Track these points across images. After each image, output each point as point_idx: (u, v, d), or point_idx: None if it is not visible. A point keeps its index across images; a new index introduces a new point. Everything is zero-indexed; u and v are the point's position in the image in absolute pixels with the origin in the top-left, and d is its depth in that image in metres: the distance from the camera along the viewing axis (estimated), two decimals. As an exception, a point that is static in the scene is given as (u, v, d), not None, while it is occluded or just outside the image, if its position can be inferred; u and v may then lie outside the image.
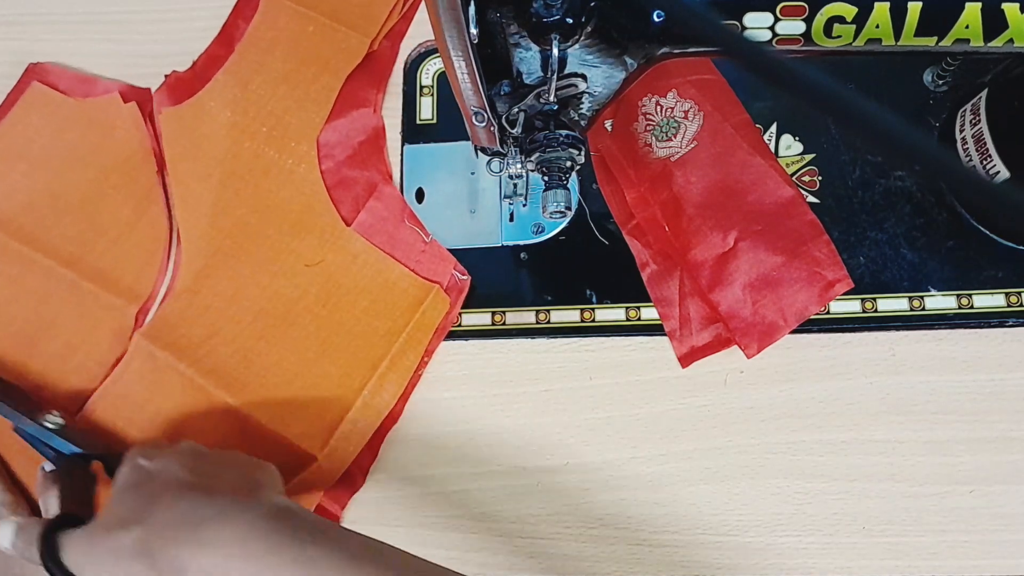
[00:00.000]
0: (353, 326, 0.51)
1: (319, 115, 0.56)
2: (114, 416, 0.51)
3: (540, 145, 0.43)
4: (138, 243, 0.55)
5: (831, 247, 0.50)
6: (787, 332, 0.49)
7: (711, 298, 0.50)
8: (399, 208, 0.54)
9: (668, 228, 0.52)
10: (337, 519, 0.49)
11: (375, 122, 0.56)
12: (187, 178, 0.55)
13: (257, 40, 0.58)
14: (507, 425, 0.50)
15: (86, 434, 0.50)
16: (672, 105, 0.53)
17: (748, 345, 0.49)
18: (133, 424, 0.51)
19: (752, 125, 0.52)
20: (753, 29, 0.36)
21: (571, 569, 0.48)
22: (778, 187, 0.51)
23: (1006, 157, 0.46)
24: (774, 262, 0.50)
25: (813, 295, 0.49)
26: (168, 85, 0.57)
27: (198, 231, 0.54)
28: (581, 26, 0.35)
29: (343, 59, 0.56)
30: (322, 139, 0.55)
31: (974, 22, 0.35)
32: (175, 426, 0.50)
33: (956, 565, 0.46)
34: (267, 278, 0.53)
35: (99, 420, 0.51)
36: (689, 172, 0.52)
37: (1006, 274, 0.50)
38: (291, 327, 0.52)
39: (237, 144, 0.55)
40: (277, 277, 0.53)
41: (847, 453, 0.48)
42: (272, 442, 0.49)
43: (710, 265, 0.50)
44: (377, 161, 0.55)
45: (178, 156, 0.56)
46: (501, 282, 0.53)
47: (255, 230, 0.54)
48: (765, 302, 0.49)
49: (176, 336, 0.52)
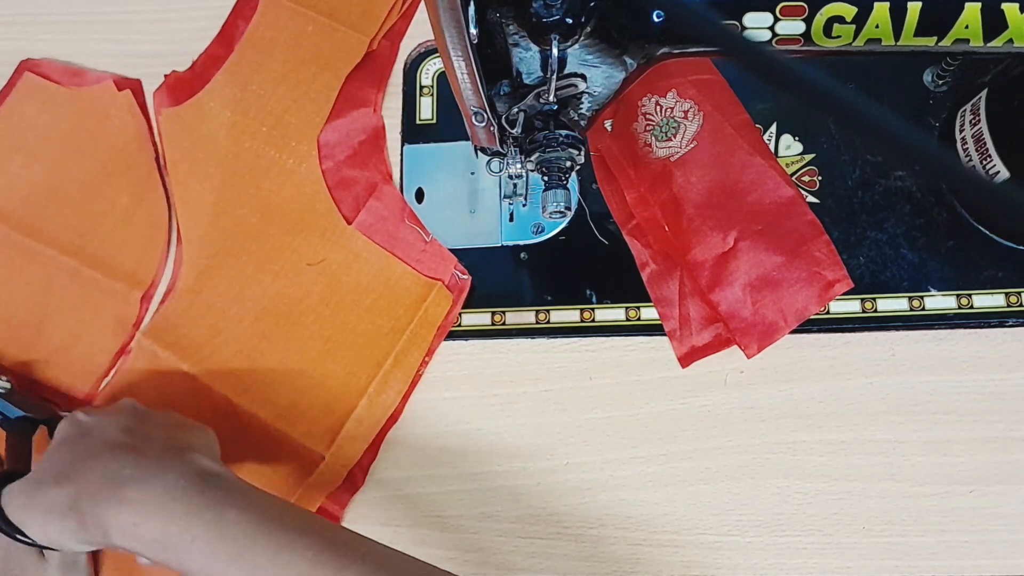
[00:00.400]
0: (356, 324, 0.51)
1: (319, 114, 0.56)
2: None
3: (540, 145, 0.43)
4: (138, 229, 0.55)
5: (831, 247, 0.49)
6: (787, 332, 0.49)
7: (711, 298, 0.49)
8: (399, 207, 0.54)
9: (668, 228, 0.52)
10: (338, 520, 0.49)
11: (375, 122, 0.56)
12: (188, 178, 0.55)
13: (256, 40, 0.58)
14: (507, 425, 0.50)
15: (32, 399, 0.50)
16: (672, 105, 0.53)
17: (748, 345, 0.49)
18: None
19: (752, 125, 0.52)
20: (753, 29, 0.36)
21: (570, 569, 0.48)
22: (778, 187, 0.51)
23: (1006, 157, 0.46)
24: (774, 262, 0.50)
25: (813, 295, 0.49)
26: (168, 85, 0.57)
27: (199, 231, 0.54)
28: (581, 26, 0.35)
29: (343, 58, 0.56)
30: (322, 139, 0.55)
31: (974, 22, 0.35)
32: None
33: (956, 565, 0.46)
34: (269, 277, 0.53)
35: None
36: (689, 172, 0.52)
37: (1006, 274, 0.50)
38: (295, 326, 0.52)
39: (238, 144, 0.55)
40: (279, 276, 0.53)
41: (847, 453, 0.48)
42: (278, 442, 0.49)
43: (710, 265, 0.50)
44: (377, 161, 0.55)
45: (179, 156, 0.56)
46: (501, 282, 0.53)
47: (257, 230, 0.54)
48: (765, 302, 0.49)
49: (179, 336, 0.52)
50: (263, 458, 0.49)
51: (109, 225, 0.55)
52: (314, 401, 0.50)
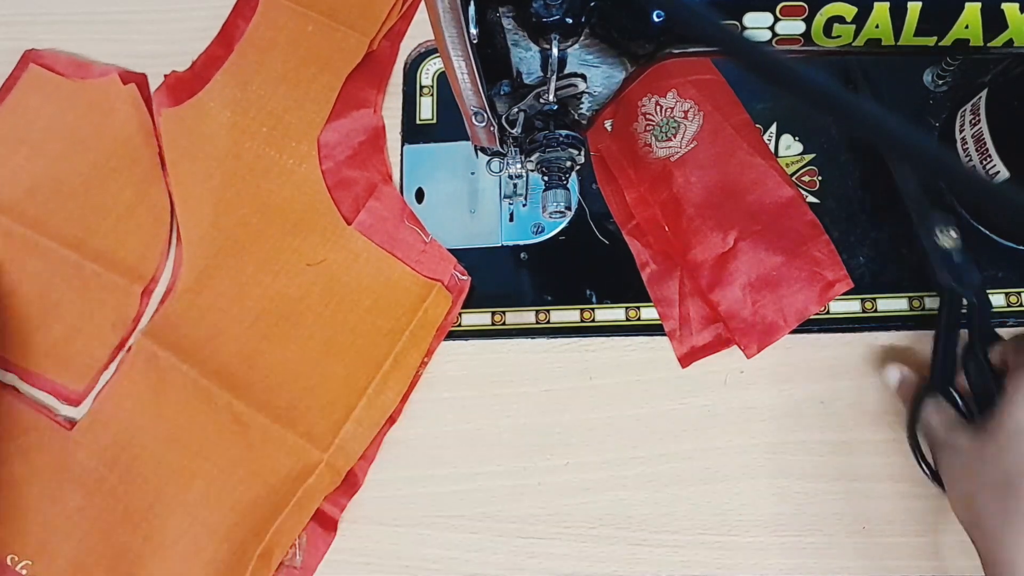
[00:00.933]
0: (356, 324, 0.51)
1: (319, 115, 0.56)
2: (118, 417, 0.51)
3: (540, 145, 0.43)
4: (140, 224, 0.55)
5: (831, 247, 0.49)
6: (787, 332, 0.49)
7: (711, 298, 0.49)
8: (399, 208, 0.54)
9: (668, 228, 0.52)
10: (334, 522, 0.49)
11: (375, 122, 0.56)
12: (188, 179, 0.55)
13: (256, 40, 0.58)
14: (507, 425, 0.50)
15: None
16: (672, 105, 0.53)
17: (748, 345, 0.49)
18: (136, 425, 0.51)
19: (752, 125, 0.52)
20: (753, 29, 0.36)
21: (571, 569, 0.48)
22: (778, 187, 0.50)
23: (1006, 157, 0.46)
24: (774, 262, 0.50)
25: (813, 295, 0.49)
26: (168, 85, 0.57)
27: (200, 231, 0.54)
28: (581, 26, 0.35)
29: (342, 58, 0.56)
30: (323, 139, 0.55)
31: (974, 22, 0.35)
32: (179, 427, 0.50)
33: (956, 565, 0.46)
34: (269, 278, 0.53)
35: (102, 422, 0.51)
36: (689, 172, 0.52)
37: (1006, 274, 0.50)
38: (294, 327, 0.52)
39: (238, 144, 0.55)
40: (279, 276, 0.53)
41: (847, 453, 0.48)
42: (277, 443, 0.49)
43: (710, 265, 0.50)
44: (377, 161, 0.55)
45: (179, 157, 0.56)
46: (501, 282, 0.53)
47: (256, 230, 0.54)
48: (765, 302, 0.49)
49: (179, 336, 0.52)
50: (262, 459, 0.49)
51: (112, 219, 0.55)
52: (313, 402, 0.50)
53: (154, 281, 0.54)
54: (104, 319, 0.53)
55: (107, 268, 0.54)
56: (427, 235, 0.53)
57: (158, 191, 0.56)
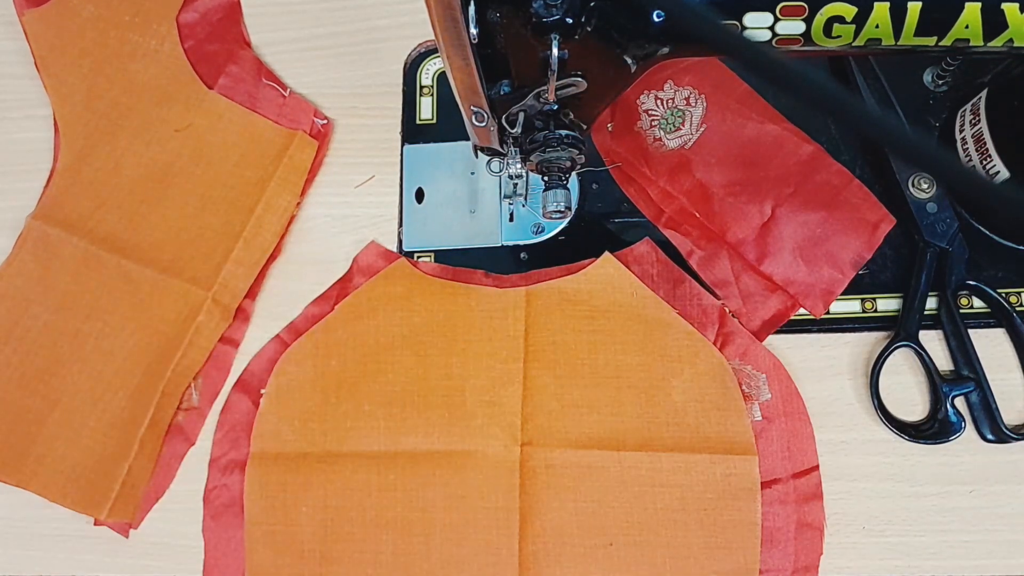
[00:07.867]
0: (227, 178, 0.56)
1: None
2: (9, 295, 0.54)
3: (540, 145, 0.43)
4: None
5: (864, 190, 0.50)
6: (847, 283, 0.49)
7: (763, 270, 0.50)
8: (256, 69, 0.58)
9: (699, 214, 0.51)
10: (229, 361, 0.52)
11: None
12: (58, 71, 0.59)
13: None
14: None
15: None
16: (671, 96, 0.53)
17: (814, 305, 0.49)
18: (28, 299, 0.54)
19: (754, 94, 0.52)
20: (753, 29, 0.36)
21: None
22: (797, 147, 0.51)
23: (1006, 157, 0.46)
24: (816, 218, 0.50)
25: (863, 241, 0.49)
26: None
27: (73, 116, 0.58)
28: (581, 26, 0.35)
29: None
30: (181, 20, 0.59)
31: (974, 22, 0.35)
32: (69, 295, 0.53)
33: (956, 565, 0.46)
34: (142, 147, 0.57)
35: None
36: (707, 155, 0.52)
37: (1006, 274, 0.50)
38: (170, 188, 0.56)
39: (103, 35, 0.59)
40: (151, 145, 0.57)
41: (847, 453, 0.48)
42: (165, 291, 0.53)
43: (752, 239, 0.50)
44: (235, 33, 0.59)
45: (47, 52, 0.59)
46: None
47: (127, 107, 0.58)
48: (818, 260, 0.49)
49: (66, 212, 0.56)
50: (153, 308, 0.53)
51: None
52: (196, 251, 0.54)
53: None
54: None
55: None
56: (285, 90, 0.57)
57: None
